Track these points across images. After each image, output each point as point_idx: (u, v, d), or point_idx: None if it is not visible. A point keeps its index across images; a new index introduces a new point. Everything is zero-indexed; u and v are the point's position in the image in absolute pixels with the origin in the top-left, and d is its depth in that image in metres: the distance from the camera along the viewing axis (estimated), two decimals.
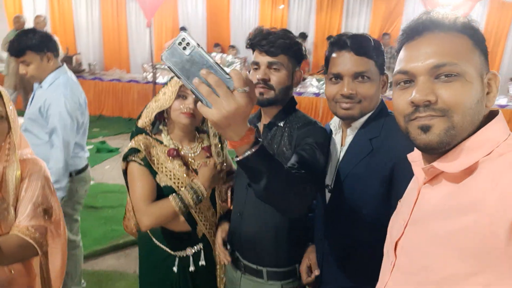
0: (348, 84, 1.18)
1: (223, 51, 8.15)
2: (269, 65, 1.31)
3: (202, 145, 1.58)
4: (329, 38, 7.79)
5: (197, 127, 1.61)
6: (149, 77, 6.93)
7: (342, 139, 1.30)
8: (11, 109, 1.26)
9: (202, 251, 1.52)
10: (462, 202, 0.68)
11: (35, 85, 2.15)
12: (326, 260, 1.31)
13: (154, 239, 1.52)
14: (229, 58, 7.10)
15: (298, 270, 1.41)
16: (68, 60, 7.05)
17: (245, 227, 1.40)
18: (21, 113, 1.62)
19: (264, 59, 1.30)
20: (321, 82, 6.99)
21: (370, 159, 1.18)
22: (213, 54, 7.36)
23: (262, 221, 1.36)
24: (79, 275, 2.46)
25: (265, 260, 1.39)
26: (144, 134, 1.49)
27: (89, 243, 3.02)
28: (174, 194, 1.41)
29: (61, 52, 6.17)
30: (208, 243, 1.54)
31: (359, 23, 8.58)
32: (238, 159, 0.85)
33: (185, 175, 1.46)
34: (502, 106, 6.25)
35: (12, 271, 1.28)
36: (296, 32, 8.29)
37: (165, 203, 1.40)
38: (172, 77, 1.45)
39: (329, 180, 1.30)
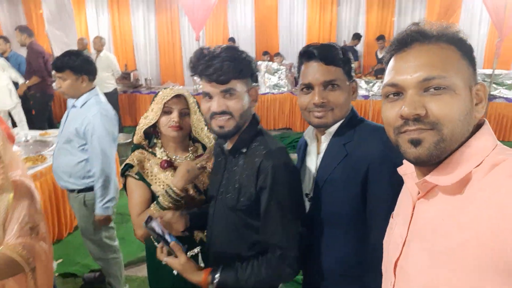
0: (319, 93, 1.21)
1: (271, 59, 8.23)
2: (224, 94, 1.21)
3: (196, 154, 1.64)
4: (379, 38, 7.54)
5: (193, 137, 1.66)
6: (200, 88, 7.20)
7: (317, 148, 1.32)
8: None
9: (199, 255, 1.53)
10: (461, 217, 0.67)
11: (69, 106, 2.36)
12: (310, 268, 1.33)
13: (156, 243, 1.59)
14: (275, 65, 7.14)
15: None
16: (126, 76, 7.59)
17: (214, 248, 1.39)
18: None
19: (215, 90, 1.21)
20: (371, 84, 6.76)
21: (346, 163, 1.20)
22: (259, 62, 7.44)
23: (228, 245, 1.34)
24: (123, 278, 2.63)
25: None
26: (140, 149, 1.60)
27: (133, 249, 3.20)
28: (154, 202, 1.49)
29: (119, 70, 6.70)
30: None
31: (413, 20, 8.12)
32: None
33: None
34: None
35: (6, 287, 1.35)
36: (346, 34, 8.24)
37: (149, 211, 1.46)
38: (157, 94, 1.52)
39: (307, 189, 1.32)
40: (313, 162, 1.32)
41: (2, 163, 1.33)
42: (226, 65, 1.17)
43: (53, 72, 2.32)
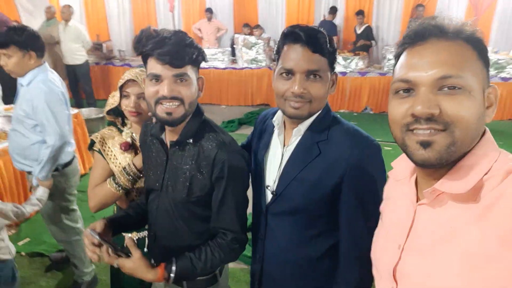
0: (299, 82, 1.10)
1: (251, 32, 8.05)
2: (175, 78, 1.14)
3: None
4: (358, 13, 7.45)
5: None
6: None
7: (285, 139, 1.24)
8: None
9: (146, 240, 1.52)
10: (481, 225, 0.65)
11: (18, 85, 2.22)
12: (268, 261, 1.30)
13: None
14: (252, 39, 6.98)
15: (217, 276, 1.38)
16: (98, 47, 7.31)
17: (160, 241, 1.36)
18: None
19: (168, 73, 1.12)
20: (348, 61, 6.73)
21: (318, 163, 1.14)
22: (236, 35, 7.28)
23: (175, 241, 1.32)
24: (88, 259, 2.61)
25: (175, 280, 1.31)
26: (112, 125, 1.64)
27: None
28: (110, 177, 1.51)
29: (89, 40, 6.42)
30: None
31: None
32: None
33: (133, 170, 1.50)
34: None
35: None
36: (325, 7, 8.10)
37: (104, 186, 1.50)
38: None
39: (270, 181, 1.25)
40: (278, 154, 1.24)
41: None
42: (182, 48, 1.12)
43: None
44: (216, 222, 1.25)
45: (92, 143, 1.57)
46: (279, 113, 1.24)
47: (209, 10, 8.21)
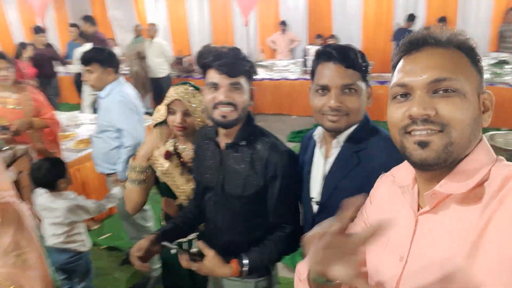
0: (335, 97, 1.17)
1: (324, 42, 8.03)
2: (231, 86, 1.30)
3: None
4: (441, 20, 7.02)
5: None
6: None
7: (326, 151, 1.29)
8: None
9: (193, 242, 1.67)
10: (485, 233, 0.65)
11: (98, 99, 2.55)
12: None
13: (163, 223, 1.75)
14: None
15: (271, 268, 1.49)
16: (179, 61, 7.86)
17: (219, 236, 1.47)
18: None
19: (224, 81, 1.30)
20: None
21: (358, 171, 1.18)
22: (308, 46, 7.31)
23: (233, 236, 1.44)
24: (156, 258, 2.82)
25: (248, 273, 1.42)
26: None
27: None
28: (126, 181, 1.71)
29: (171, 55, 6.95)
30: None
31: (478, 2, 7.46)
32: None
33: (180, 174, 1.64)
34: None
35: None
36: (404, 15, 7.78)
37: (127, 189, 1.71)
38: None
39: (315, 193, 1.31)
40: (320, 166, 1.30)
41: None
42: (237, 61, 1.31)
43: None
44: (274, 217, 1.39)
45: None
46: (319, 128, 1.31)
47: (283, 23, 8.37)
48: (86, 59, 2.38)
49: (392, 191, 0.89)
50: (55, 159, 2.37)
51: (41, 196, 2.25)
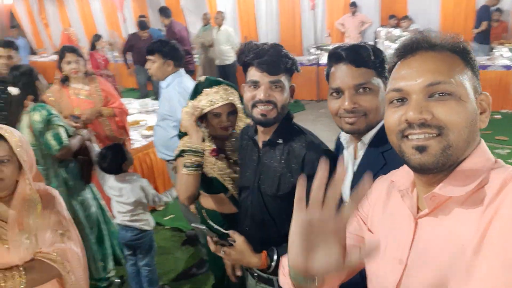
0: (349, 98, 1.14)
1: (398, 24, 7.56)
2: (271, 84, 1.29)
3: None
4: None
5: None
6: (313, 58, 7.11)
7: (354, 152, 1.24)
8: (19, 150, 1.38)
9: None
10: (484, 235, 0.65)
11: (160, 88, 2.67)
12: None
13: (209, 221, 1.78)
14: (397, 32, 6.57)
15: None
16: None
17: (253, 240, 1.43)
18: None
19: (264, 79, 1.29)
20: None
21: (385, 173, 1.10)
22: (379, 29, 6.93)
23: (267, 235, 1.40)
24: None
25: (275, 270, 1.40)
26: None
27: None
28: (182, 167, 1.64)
29: (237, 43, 7.05)
30: None
31: None
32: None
33: (226, 167, 1.67)
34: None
35: None
36: None
37: (182, 178, 1.63)
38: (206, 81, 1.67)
39: (344, 195, 1.25)
40: (350, 168, 1.27)
41: (30, 175, 1.42)
42: (278, 58, 1.28)
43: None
44: None
45: (179, 154, 1.69)
46: None
47: (354, 4, 8.02)
48: (149, 50, 2.54)
49: (391, 194, 0.89)
50: (115, 146, 2.56)
51: (110, 178, 2.47)
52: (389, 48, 6.59)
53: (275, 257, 1.30)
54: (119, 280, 2.84)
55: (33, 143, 2.28)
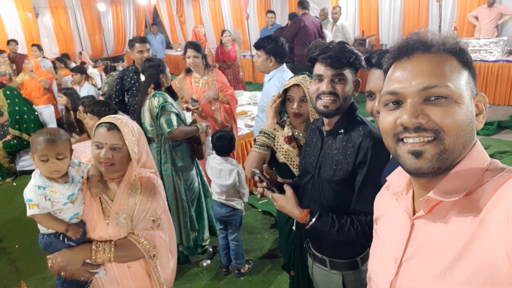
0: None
1: None
2: (334, 77, 1.40)
3: None
4: None
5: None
6: None
7: None
8: (129, 141, 1.51)
9: None
10: (477, 236, 0.66)
11: (264, 82, 2.90)
12: None
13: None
14: None
15: (359, 263, 1.48)
16: (362, 42, 7.76)
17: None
18: None
19: (328, 72, 1.40)
20: None
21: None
22: None
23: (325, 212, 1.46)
24: None
25: (328, 250, 1.52)
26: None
27: None
28: (254, 146, 1.95)
29: (352, 36, 6.94)
30: None
31: None
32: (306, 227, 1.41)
33: (296, 155, 1.81)
34: None
35: (130, 267, 1.59)
36: None
37: (251, 154, 1.93)
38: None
39: None
40: None
41: (137, 165, 1.56)
42: (341, 54, 1.39)
43: None
44: (356, 203, 1.41)
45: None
46: None
47: None
48: (256, 45, 2.80)
49: (389, 195, 0.90)
50: (228, 132, 2.94)
51: (213, 159, 2.83)
52: None
53: (315, 216, 1.40)
54: (211, 250, 3.22)
55: (151, 124, 2.76)
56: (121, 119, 1.56)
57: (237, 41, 8.74)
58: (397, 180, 0.87)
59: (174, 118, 2.75)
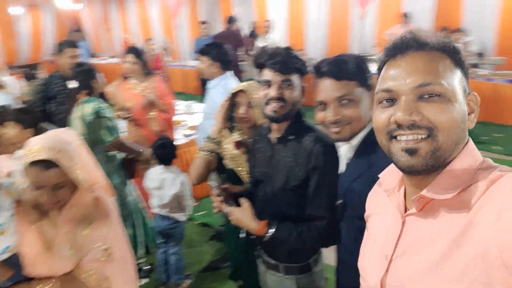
0: (333, 110, 1.22)
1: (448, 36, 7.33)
2: (282, 83, 1.39)
3: None
4: None
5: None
6: None
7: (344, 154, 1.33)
8: (77, 164, 1.31)
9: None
10: (468, 233, 0.67)
11: (207, 89, 2.87)
12: (341, 264, 1.39)
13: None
14: None
15: (312, 265, 1.51)
16: None
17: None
18: None
19: (276, 78, 1.39)
20: None
21: (369, 175, 1.16)
22: None
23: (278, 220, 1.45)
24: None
25: (281, 256, 1.52)
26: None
27: None
28: (198, 151, 1.88)
29: None
30: None
31: None
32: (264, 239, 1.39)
33: (244, 161, 1.80)
34: None
35: None
36: None
37: (196, 160, 1.86)
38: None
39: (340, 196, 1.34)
40: (343, 168, 1.35)
41: (89, 190, 1.36)
42: (289, 59, 1.40)
43: None
44: (311, 209, 1.41)
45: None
46: None
47: (406, 15, 7.86)
48: (201, 51, 2.79)
49: (381, 192, 0.91)
50: (169, 139, 2.84)
51: (154, 170, 2.71)
52: None
53: (272, 230, 1.38)
54: (149, 267, 3.04)
55: (83, 133, 2.55)
56: (55, 146, 1.29)
57: (167, 51, 8.57)
58: (389, 177, 0.87)
59: (114, 125, 2.58)
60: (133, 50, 3.30)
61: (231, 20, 6.64)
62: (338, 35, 9.22)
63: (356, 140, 1.25)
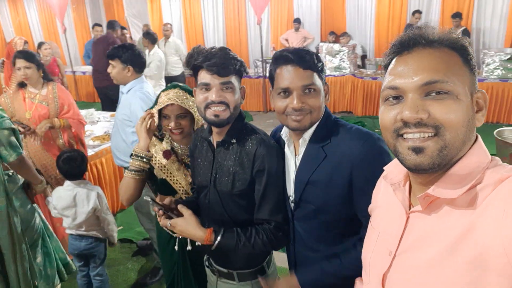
0: (298, 98, 1.21)
1: (336, 39, 8.09)
2: (222, 86, 1.32)
3: None
4: (455, 15, 6.93)
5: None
6: (260, 71, 7.34)
7: (295, 149, 1.34)
8: None
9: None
10: (469, 234, 0.65)
11: (120, 93, 2.66)
12: (299, 263, 1.39)
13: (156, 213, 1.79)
14: (336, 47, 6.99)
15: (265, 268, 1.50)
16: None
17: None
18: None
19: (215, 81, 1.31)
20: None
21: (326, 165, 1.21)
22: (321, 44, 7.35)
23: (225, 226, 1.40)
24: None
25: (234, 264, 1.48)
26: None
27: None
28: (125, 170, 1.68)
29: (185, 54, 7.07)
30: None
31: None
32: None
33: (176, 170, 1.69)
34: None
35: None
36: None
37: (124, 179, 1.67)
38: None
39: (290, 190, 1.34)
40: (291, 164, 1.34)
41: None
42: (227, 61, 1.32)
43: None
44: (258, 213, 1.38)
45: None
46: (285, 128, 1.34)
47: (297, 21, 8.40)
48: (110, 55, 2.54)
49: (385, 185, 0.90)
50: (77, 151, 2.55)
51: (61, 188, 2.41)
52: (330, 62, 7.00)
53: (220, 234, 1.33)
54: None
55: None
56: None
57: (56, 55, 7.77)
58: (394, 170, 0.85)
59: (17, 139, 2.22)
60: (22, 54, 2.88)
61: (111, 25, 6.37)
62: (237, 40, 9.46)
63: (308, 134, 1.27)
